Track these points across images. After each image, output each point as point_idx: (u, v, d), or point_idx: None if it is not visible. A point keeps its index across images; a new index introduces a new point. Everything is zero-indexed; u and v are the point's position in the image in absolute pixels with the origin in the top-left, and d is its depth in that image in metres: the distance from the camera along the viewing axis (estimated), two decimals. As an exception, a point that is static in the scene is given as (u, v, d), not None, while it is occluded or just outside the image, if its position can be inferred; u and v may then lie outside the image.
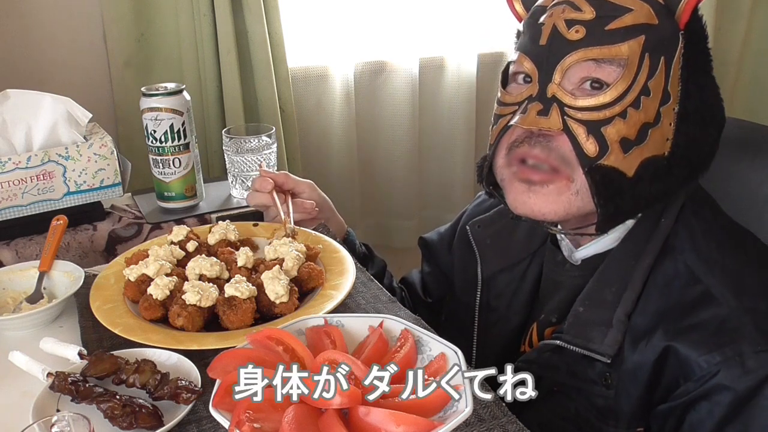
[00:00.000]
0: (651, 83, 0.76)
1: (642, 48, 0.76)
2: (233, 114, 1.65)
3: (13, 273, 0.98)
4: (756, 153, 0.94)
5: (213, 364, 0.66)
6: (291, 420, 0.60)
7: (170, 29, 1.61)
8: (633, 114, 0.76)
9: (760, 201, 0.89)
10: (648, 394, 0.76)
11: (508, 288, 0.98)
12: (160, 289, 0.85)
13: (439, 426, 0.59)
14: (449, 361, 0.68)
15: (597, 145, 0.77)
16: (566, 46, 0.77)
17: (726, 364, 0.70)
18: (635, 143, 0.77)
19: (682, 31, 0.76)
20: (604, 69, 0.77)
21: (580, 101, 0.77)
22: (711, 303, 0.73)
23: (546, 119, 0.78)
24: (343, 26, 1.79)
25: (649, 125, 0.76)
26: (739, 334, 0.71)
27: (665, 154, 0.77)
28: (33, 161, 1.16)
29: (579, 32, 0.77)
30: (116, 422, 0.68)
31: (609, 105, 0.76)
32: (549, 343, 0.81)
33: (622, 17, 0.76)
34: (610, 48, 0.76)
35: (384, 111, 1.89)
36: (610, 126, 0.77)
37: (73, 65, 1.60)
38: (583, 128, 0.77)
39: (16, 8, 1.53)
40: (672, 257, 0.78)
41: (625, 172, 0.77)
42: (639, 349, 0.75)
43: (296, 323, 0.75)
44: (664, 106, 0.76)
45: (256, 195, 1.09)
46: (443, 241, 1.14)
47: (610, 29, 0.76)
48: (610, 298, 0.79)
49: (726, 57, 2.14)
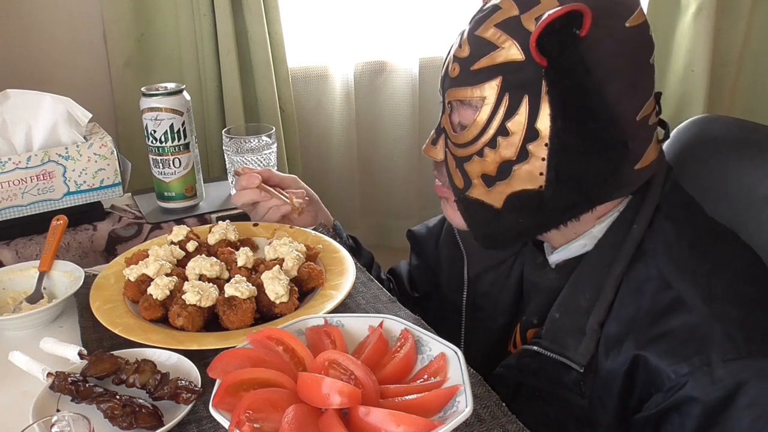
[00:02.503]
0: (509, 123, 0.75)
1: (500, 89, 0.75)
2: (233, 114, 1.65)
3: (13, 273, 0.98)
4: (755, 152, 0.94)
5: (213, 364, 0.66)
6: (291, 420, 0.60)
7: (170, 29, 1.61)
8: (489, 153, 0.77)
9: (758, 200, 0.89)
10: (622, 404, 0.75)
11: (494, 287, 0.99)
12: (160, 289, 0.85)
13: (439, 426, 0.59)
14: (449, 361, 0.68)
15: (462, 179, 0.81)
16: (448, 82, 0.81)
17: (694, 374, 0.68)
18: (497, 179, 0.78)
19: (544, 69, 0.73)
20: (464, 111, 0.79)
21: (453, 136, 0.81)
22: (681, 309, 0.72)
23: (434, 149, 0.85)
24: (343, 26, 1.79)
25: (510, 162, 0.76)
26: (708, 342, 0.69)
27: (540, 188, 0.76)
28: (33, 161, 1.16)
29: (455, 70, 0.79)
30: (116, 422, 0.68)
31: (467, 144, 0.79)
32: (528, 348, 0.81)
33: (489, 55, 0.75)
34: (468, 90, 0.77)
35: (384, 111, 1.89)
36: (469, 163, 0.80)
37: (73, 65, 1.60)
38: (454, 162, 0.82)
39: (16, 8, 1.53)
40: (644, 262, 0.77)
41: (492, 204, 0.80)
42: (611, 357, 0.75)
43: (296, 323, 0.75)
44: (532, 143, 0.75)
45: (244, 193, 1.08)
46: (431, 236, 1.14)
47: (475, 69, 0.77)
48: (585, 305, 0.78)
49: (726, 57, 2.14)
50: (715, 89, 2.18)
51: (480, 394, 0.73)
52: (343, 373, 0.65)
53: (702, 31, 2.01)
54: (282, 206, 1.08)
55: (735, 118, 1.01)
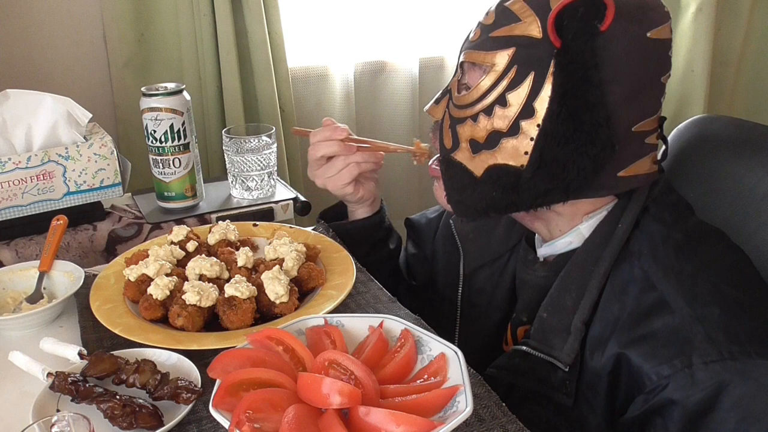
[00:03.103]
0: (510, 95, 0.76)
1: (510, 60, 0.76)
2: (233, 114, 1.65)
3: (13, 273, 0.98)
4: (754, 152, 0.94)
5: (213, 364, 0.66)
6: (291, 420, 0.60)
7: (170, 29, 1.61)
8: (483, 119, 0.78)
9: (758, 199, 0.89)
10: (609, 405, 0.75)
11: (488, 284, 0.99)
12: (160, 289, 0.85)
13: (439, 426, 0.59)
14: (449, 361, 0.68)
15: (451, 140, 0.82)
16: (467, 44, 0.82)
17: (674, 377, 0.68)
18: (484, 147, 0.79)
19: (556, 50, 0.73)
20: (473, 73, 0.80)
21: (455, 97, 0.82)
22: (664, 310, 0.72)
23: (436, 107, 0.86)
24: (343, 26, 1.79)
25: (501, 134, 0.77)
26: (689, 344, 0.69)
27: (521, 166, 0.77)
28: (33, 161, 1.16)
29: (476, 34, 0.80)
30: (116, 422, 0.68)
31: (466, 106, 0.80)
32: (518, 348, 0.81)
33: (510, 26, 0.76)
34: (482, 54, 0.78)
35: (384, 111, 1.89)
36: (462, 125, 0.80)
37: (73, 65, 1.60)
38: (449, 122, 0.83)
39: (16, 8, 1.53)
40: (629, 262, 0.77)
41: (473, 171, 0.80)
42: (596, 357, 0.75)
43: (296, 323, 0.75)
44: (526, 120, 0.75)
45: (327, 144, 1.02)
46: (429, 227, 1.14)
47: (493, 36, 0.77)
48: (570, 304, 0.78)
49: (726, 57, 2.14)
50: (715, 89, 2.18)
51: (480, 394, 0.73)
52: (343, 373, 0.65)
53: (702, 31, 2.01)
54: (363, 164, 1.03)
55: (734, 117, 1.01)
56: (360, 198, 1.07)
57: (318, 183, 1.06)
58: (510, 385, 0.84)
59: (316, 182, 1.06)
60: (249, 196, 1.38)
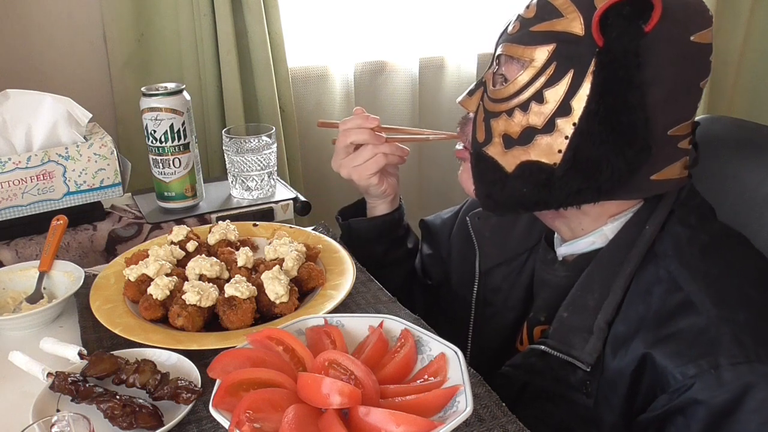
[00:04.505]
0: (548, 92, 0.75)
1: (550, 56, 0.75)
2: (233, 114, 1.65)
3: (13, 273, 0.98)
4: (756, 153, 0.94)
5: (213, 364, 0.66)
6: (291, 420, 0.60)
7: (170, 29, 1.61)
8: (518, 115, 0.77)
9: (760, 200, 0.89)
10: (628, 404, 0.75)
11: (505, 283, 0.98)
12: (160, 289, 0.85)
13: (439, 426, 0.59)
14: (449, 361, 0.68)
15: (484, 133, 0.81)
16: (505, 36, 0.81)
17: (701, 377, 0.68)
18: (517, 143, 0.78)
19: (598, 49, 0.72)
20: (510, 66, 0.79)
21: (491, 90, 0.80)
22: (690, 311, 0.72)
23: (470, 99, 0.85)
24: (343, 26, 1.79)
25: (535, 130, 0.76)
26: (716, 345, 0.69)
27: (554, 164, 0.76)
28: (33, 161, 1.16)
29: (515, 27, 0.79)
30: (116, 422, 0.68)
31: (502, 100, 0.79)
32: (535, 348, 0.81)
33: (551, 21, 0.75)
34: (521, 48, 0.77)
35: (384, 111, 1.89)
36: (496, 119, 0.79)
37: (73, 65, 1.60)
38: (483, 115, 0.82)
39: (16, 9, 1.53)
40: (655, 263, 0.77)
41: (504, 166, 0.79)
42: (619, 356, 0.75)
43: (296, 323, 0.75)
44: (562, 118, 0.74)
45: (358, 131, 1.00)
46: (444, 227, 1.14)
47: (534, 30, 0.76)
48: (592, 304, 0.78)
49: (726, 57, 2.14)
50: (715, 89, 2.18)
51: (480, 394, 0.73)
52: (343, 373, 0.65)
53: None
54: (390, 155, 1.02)
55: (736, 118, 1.00)
56: (383, 192, 1.06)
57: (343, 173, 1.04)
58: (523, 384, 0.83)
59: (341, 172, 1.04)
60: (249, 196, 1.38)
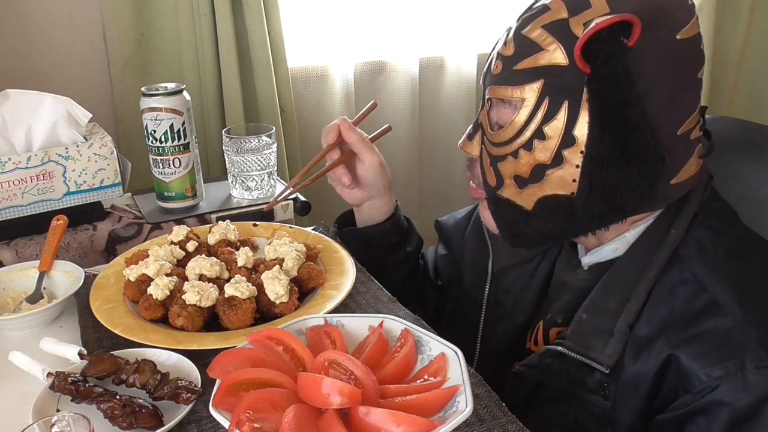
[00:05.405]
0: (547, 127, 0.75)
1: (540, 92, 0.74)
2: (233, 114, 1.65)
3: (13, 273, 0.98)
4: (757, 153, 0.94)
5: (213, 364, 0.66)
6: (291, 420, 0.59)
7: (170, 29, 1.61)
8: (524, 155, 0.77)
9: (762, 201, 0.89)
10: (647, 405, 0.75)
11: (517, 284, 0.98)
12: (160, 289, 0.85)
13: (439, 426, 0.59)
14: (449, 361, 0.68)
15: (495, 178, 0.81)
16: (490, 78, 0.80)
17: (726, 379, 0.68)
18: (530, 181, 0.78)
19: (587, 76, 0.72)
20: (503, 110, 0.78)
21: (490, 134, 0.80)
22: (716, 313, 0.72)
23: (470, 144, 0.85)
24: (343, 26, 1.79)
25: (545, 166, 0.76)
26: (742, 347, 0.69)
27: (572, 194, 0.76)
28: (33, 161, 1.16)
29: (498, 67, 0.79)
30: (116, 422, 0.68)
31: (503, 144, 0.78)
32: (551, 348, 0.81)
33: (533, 56, 0.74)
34: (509, 89, 0.76)
35: (384, 111, 1.89)
36: (503, 163, 0.79)
37: (73, 65, 1.60)
38: (488, 159, 0.82)
39: (16, 9, 1.53)
40: (679, 266, 0.76)
41: (523, 205, 0.79)
42: (642, 358, 0.74)
43: (296, 323, 0.75)
44: (568, 149, 0.74)
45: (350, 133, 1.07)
46: (458, 228, 1.14)
47: (518, 69, 0.76)
48: (614, 308, 0.78)
49: (726, 57, 2.14)
50: (715, 89, 2.18)
51: (480, 394, 0.73)
52: (343, 373, 0.65)
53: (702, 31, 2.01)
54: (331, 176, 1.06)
55: (738, 119, 1.00)
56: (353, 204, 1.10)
57: None
58: (537, 385, 0.83)
59: None
60: (249, 196, 1.38)
